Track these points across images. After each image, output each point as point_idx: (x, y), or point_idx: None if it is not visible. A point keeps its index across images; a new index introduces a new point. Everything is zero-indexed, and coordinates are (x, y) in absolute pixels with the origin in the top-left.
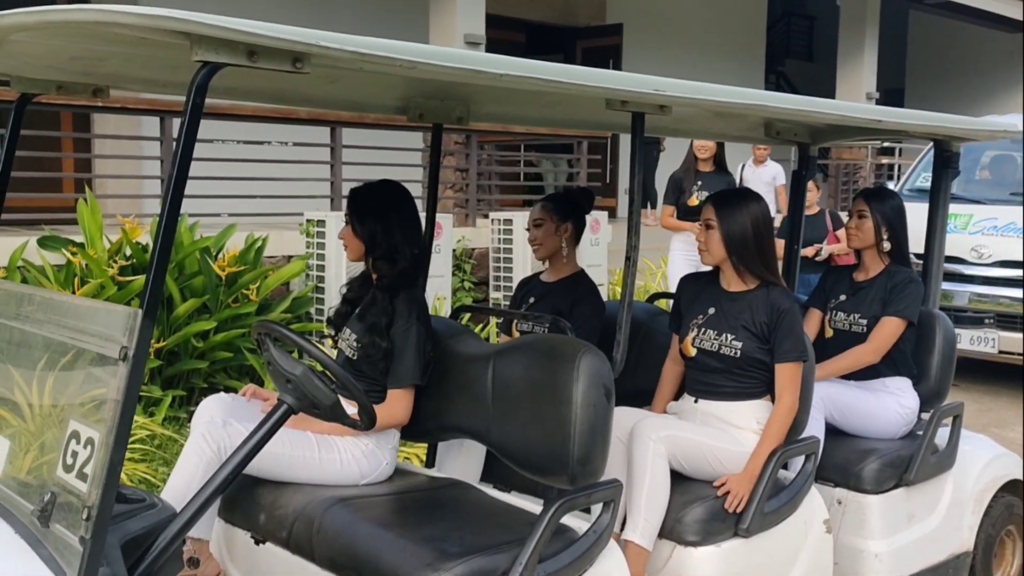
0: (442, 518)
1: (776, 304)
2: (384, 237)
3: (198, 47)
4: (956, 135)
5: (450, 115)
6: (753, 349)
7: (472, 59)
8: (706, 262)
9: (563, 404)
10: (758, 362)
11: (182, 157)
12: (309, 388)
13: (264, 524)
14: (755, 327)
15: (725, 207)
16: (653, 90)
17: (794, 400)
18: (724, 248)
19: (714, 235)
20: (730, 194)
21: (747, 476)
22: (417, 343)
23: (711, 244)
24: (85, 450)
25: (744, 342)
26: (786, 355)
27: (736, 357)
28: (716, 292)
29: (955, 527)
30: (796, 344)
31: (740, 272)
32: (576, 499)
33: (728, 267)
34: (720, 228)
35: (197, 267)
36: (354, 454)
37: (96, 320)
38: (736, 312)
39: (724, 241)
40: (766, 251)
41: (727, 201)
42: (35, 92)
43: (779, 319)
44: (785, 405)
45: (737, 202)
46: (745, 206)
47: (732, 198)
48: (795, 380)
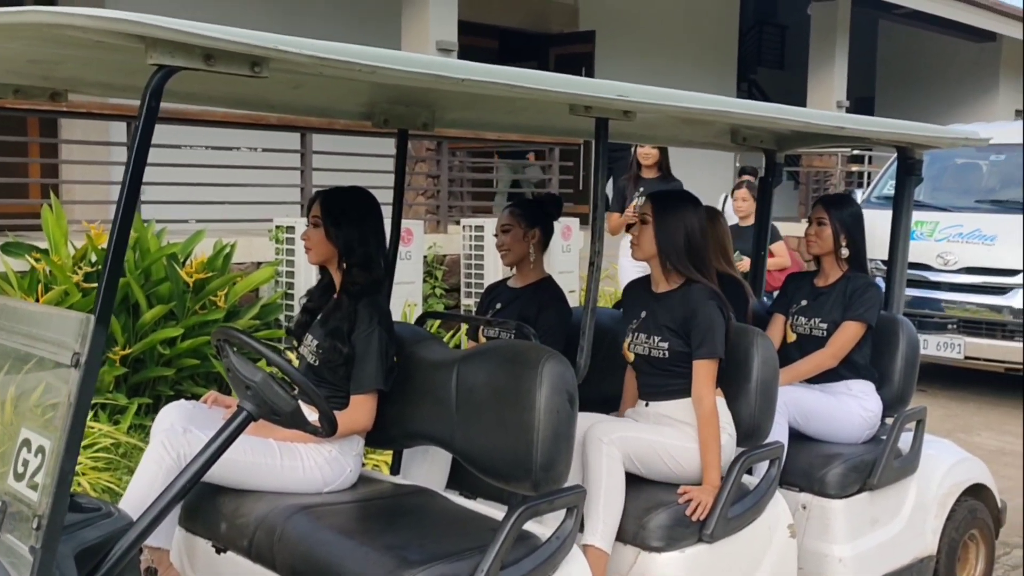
0: (405, 525)
1: (692, 300)
2: (360, 244)
3: (153, 50)
4: (919, 142)
5: (415, 121)
6: (679, 346)
7: (432, 64)
8: (636, 256)
9: (526, 410)
10: (688, 356)
11: (136, 161)
12: (269, 395)
13: (225, 533)
14: (675, 325)
15: (662, 205)
16: (616, 95)
17: (712, 399)
18: (655, 244)
19: (647, 231)
20: (671, 194)
21: (709, 487)
22: (379, 348)
23: (643, 239)
24: (36, 458)
25: (670, 341)
26: (698, 351)
27: (665, 358)
28: (647, 295)
29: (918, 531)
30: (707, 341)
31: (666, 271)
32: (539, 505)
33: (656, 265)
34: (653, 224)
35: (164, 273)
36: (317, 461)
37: (49, 326)
38: (661, 313)
39: (655, 237)
40: (697, 253)
41: (665, 200)
42: None
43: (693, 315)
44: (706, 408)
45: (675, 203)
46: (682, 208)
47: (671, 197)
48: (710, 377)
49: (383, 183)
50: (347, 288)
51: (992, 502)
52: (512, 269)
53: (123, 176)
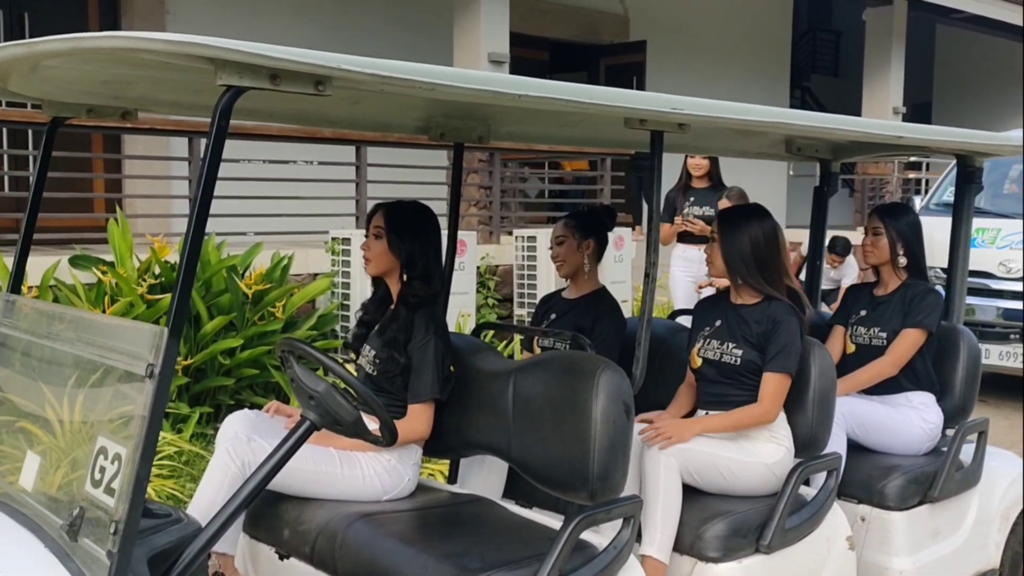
0: (463, 533)
1: (773, 315)
2: (421, 256)
3: (222, 71)
4: (978, 150)
5: (471, 134)
6: (753, 357)
7: (490, 80)
8: (711, 274)
9: (583, 420)
10: (759, 370)
11: (207, 178)
12: (332, 405)
13: (288, 539)
14: (754, 338)
15: (726, 223)
16: (671, 109)
17: (769, 411)
18: (723, 263)
19: (715, 249)
20: (736, 210)
21: (684, 425)
22: (435, 358)
23: (713, 258)
24: (113, 465)
25: (744, 350)
26: (770, 364)
27: (736, 365)
28: (725, 305)
29: (981, 544)
30: (783, 355)
31: (741, 287)
32: (596, 514)
33: (732, 281)
34: (720, 243)
35: (224, 285)
36: (376, 470)
37: (123, 338)
38: (739, 323)
39: (723, 257)
40: (768, 267)
41: (729, 217)
42: (66, 116)
43: (773, 329)
44: (759, 410)
45: (739, 219)
46: (746, 224)
47: (735, 214)
48: (777, 392)
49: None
50: (406, 300)
51: None
52: (567, 280)
53: (194, 191)
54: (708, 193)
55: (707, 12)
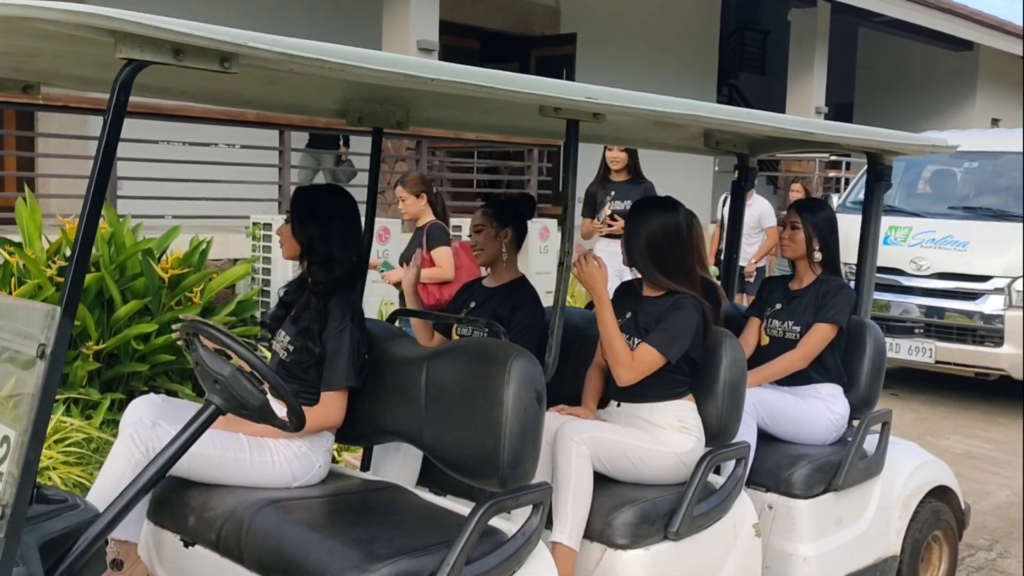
0: (372, 520)
1: (673, 305)
2: (322, 243)
3: (123, 44)
4: (887, 148)
5: (390, 119)
6: None
7: (401, 63)
8: (625, 263)
9: (494, 407)
10: (670, 366)
11: (105, 154)
12: (237, 389)
13: (193, 526)
14: (654, 328)
15: (634, 215)
16: (584, 97)
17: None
18: (626, 254)
19: (624, 241)
20: (643, 203)
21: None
22: (350, 346)
23: (623, 249)
24: (2, 448)
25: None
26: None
27: None
28: (635, 297)
29: (882, 532)
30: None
31: (647, 279)
32: (504, 501)
33: (639, 272)
34: (624, 235)
35: (139, 269)
36: (286, 456)
37: (15, 317)
38: (646, 315)
39: (624, 248)
40: (666, 261)
41: (637, 209)
42: None
43: (666, 315)
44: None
45: (644, 212)
46: (648, 217)
47: (642, 207)
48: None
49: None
50: (313, 287)
51: (956, 504)
52: (486, 269)
53: (91, 169)
54: (628, 187)
55: (637, 7)
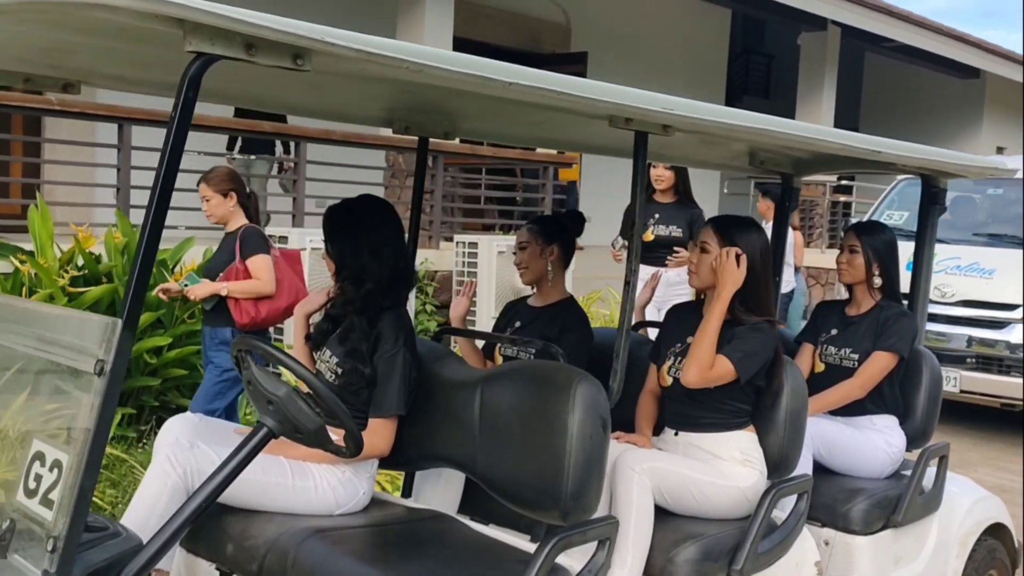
0: (425, 553)
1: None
2: (352, 257)
3: (192, 36)
4: (947, 171)
5: (436, 129)
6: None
7: (478, 64)
8: (693, 284)
9: (556, 435)
10: (734, 391)
11: (171, 157)
12: (293, 411)
13: (232, 555)
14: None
15: (727, 231)
16: (660, 108)
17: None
18: (713, 275)
19: (707, 259)
20: (735, 220)
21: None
22: (403, 370)
23: (702, 268)
24: (51, 474)
25: None
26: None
27: (709, 389)
28: (696, 321)
29: (940, 571)
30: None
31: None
32: (572, 536)
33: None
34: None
35: (152, 280)
36: (330, 482)
37: (68, 330)
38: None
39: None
40: (758, 285)
41: (730, 226)
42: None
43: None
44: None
45: (741, 229)
46: (747, 235)
47: (736, 224)
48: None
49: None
50: (348, 304)
51: (1010, 542)
52: (531, 288)
53: (156, 172)
54: (674, 210)
55: (647, 27)
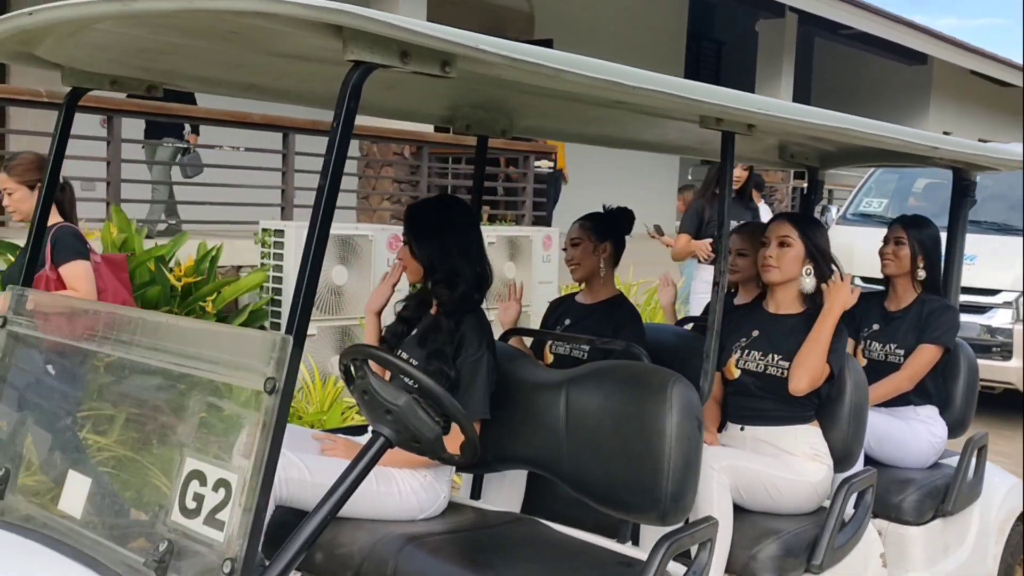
0: (525, 558)
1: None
2: (443, 259)
3: (353, 44)
4: (982, 164)
5: (495, 127)
6: None
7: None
8: (772, 279)
9: (655, 436)
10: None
11: (335, 166)
12: (413, 421)
13: (322, 563)
14: (799, 346)
15: (807, 227)
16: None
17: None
18: (800, 266)
19: (793, 254)
20: (804, 216)
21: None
22: (487, 374)
23: (785, 261)
24: (216, 493)
25: (791, 362)
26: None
27: (782, 378)
28: (759, 314)
29: (981, 557)
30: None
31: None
32: (681, 539)
33: (788, 288)
34: (805, 247)
35: (150, 277)
36: (412, 487)
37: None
38: (783, 333)
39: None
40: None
41: (805, 220)
42: (87, 87)
43: None
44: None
45: (813, 221)
46: (818, 225)
47: (806, 220)
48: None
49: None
50: (440, 307)
51: None
52: (581, 284)
53: (320, 181)
54: (737, 209)
55: (608, 14)
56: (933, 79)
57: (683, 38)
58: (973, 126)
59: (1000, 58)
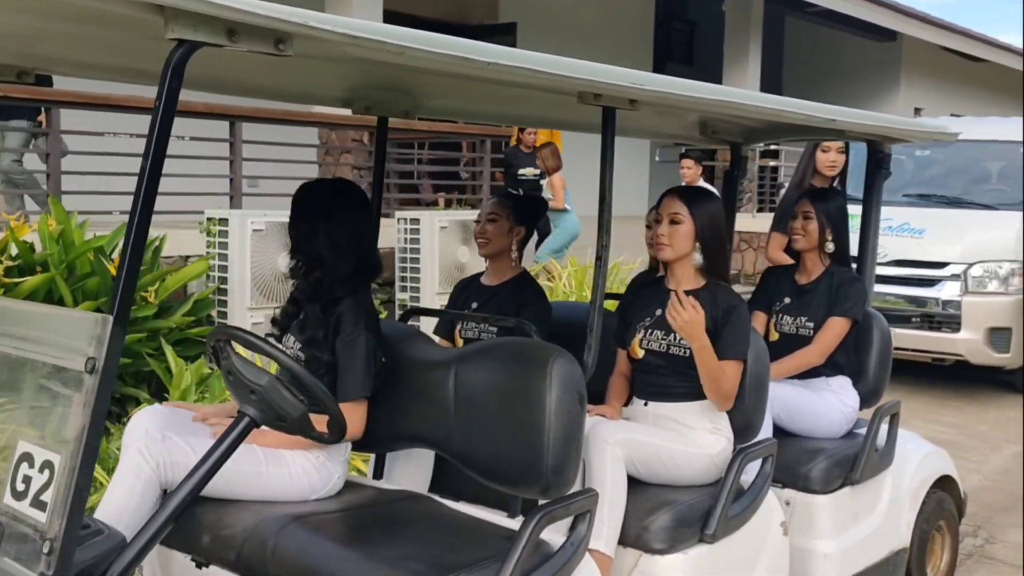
0: (407, 534)
1: (724, 302)
2: (307, 244)
3: (174, 23)
4: (892, 136)
5: (396, 108)
6: None
7: (461, 46)
8: (665, 257)
9: (536, 411)
10: None
11: (157, 146)
12: (276, 400)
13: (208, 545)
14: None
15: (696, 201)
16: (630, 84)
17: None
18: (692, 243)
19: (683, 231)
20: (695, 190)
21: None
22: (366, 354)
23: (676, 239)
24: (41, 475)
25: None
26: (728, 352)
27: (685, 356)
28: (662, 292)
29: (894, 524)
30: (738, 343)
31: (696, 269)
32: (555, 511)
33: (688, 263)
34: (694, 222)
35: (89, 268)
36: (304, 467)
37: (53, 328)
38: None
39: (696, 235)
40: (724, 249)
41: (696, 196)
42: None
43: (727, 317)
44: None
45: (706, 198)
46: (711, 203)
47: (699, 193)
48: (736, 378)
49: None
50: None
51: (956, 493)
52: (486, 261)
53: (142, 164)
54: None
55: None
56: (903, 56)
57: (651, 19)
58: (945, 102)
59: (971, 33)
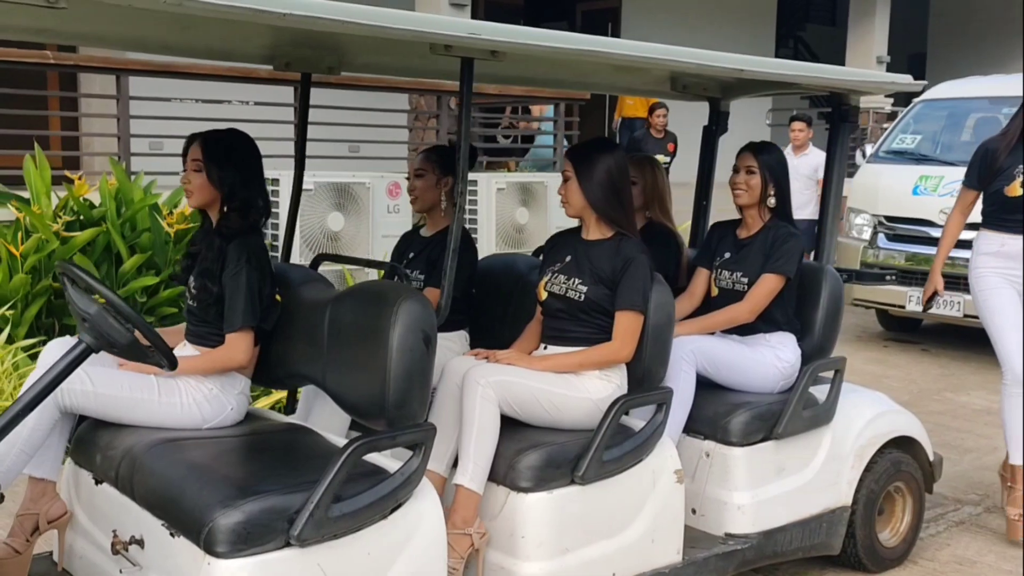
0: (261, 460)
1: (625, 253)
2: (242, 188)
3: None
4: (850, 88)
5: (320, 65)
6: (598, 295)
7: None
8: (568, 214)
9: (380, 348)
10: (601, 308)
11: None
12: (104, 327)
13: (99, 464)
14: (602, 273)
15: (581, 160)
16: (468, 33)
17: (621, 349)
18: (582, 198)
19: (572, 187)
20: (585, 146)
21: (528, 360)
22: (248, 286)
23: (570, 196)
24: None
25: (589, 287)
26: (620, 302)
27: (580, 301)
28: (575, 241)
29: (831, 482)
30: (634, 294)
31: (598, 221)
32: (379, 440)
33: (589, 216)
34: (577, 180)
35: (147, 224)
36: (195, 398)
37: None
38: (588, 259)
39: (582, 192)
40: (623, 201)
41: (582, 153)
42: None
43: (625, 268)
44: (614, 348)
45: (593, 153)
46: (600, 157)
47: (587, 149)
48: (630, 330)
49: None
50: (220, 231)
51: (922, 456)
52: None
53: None
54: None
55: None
56: None
57: None
58: None
59: None
